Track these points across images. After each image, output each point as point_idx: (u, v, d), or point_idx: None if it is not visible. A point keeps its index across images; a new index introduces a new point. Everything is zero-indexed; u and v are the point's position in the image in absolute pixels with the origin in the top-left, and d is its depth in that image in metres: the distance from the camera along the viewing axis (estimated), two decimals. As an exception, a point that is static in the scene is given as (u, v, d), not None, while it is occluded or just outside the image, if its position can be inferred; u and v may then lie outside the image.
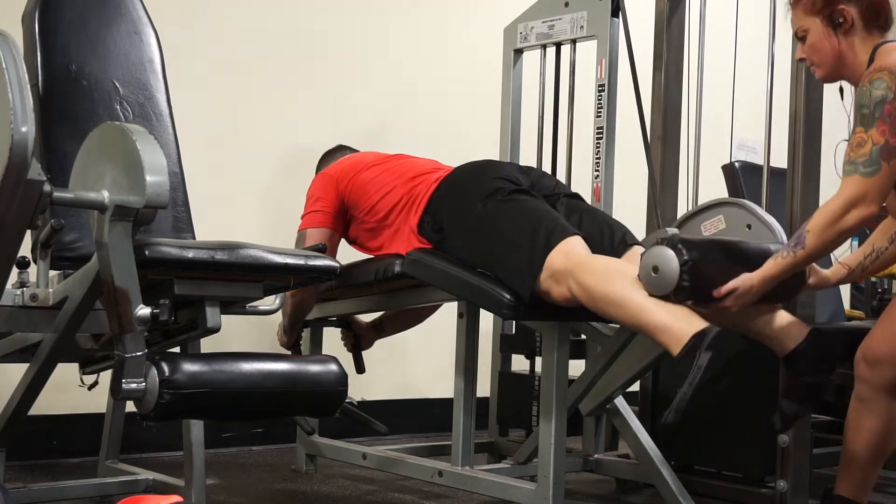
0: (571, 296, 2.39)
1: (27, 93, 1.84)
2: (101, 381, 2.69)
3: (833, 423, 3.63)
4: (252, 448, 3.71)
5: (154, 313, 2.06)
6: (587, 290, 2.35)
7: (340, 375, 2.36)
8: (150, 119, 2.77)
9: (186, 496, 2.53)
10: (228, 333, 2.59)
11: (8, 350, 2.48)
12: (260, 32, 3.82)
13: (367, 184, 2.94)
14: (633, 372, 2.87)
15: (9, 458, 2.52)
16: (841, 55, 2.43)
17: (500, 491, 2.67)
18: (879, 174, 2.22)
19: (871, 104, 2.24)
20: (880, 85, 2.24)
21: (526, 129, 3.52)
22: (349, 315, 3.25)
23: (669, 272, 2.27)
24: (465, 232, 2.63)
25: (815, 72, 2.52)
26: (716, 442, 3.05)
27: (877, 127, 2.23)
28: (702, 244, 2.38)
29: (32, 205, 1.96)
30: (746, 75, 3.91)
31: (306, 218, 3.00)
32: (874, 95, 2.24)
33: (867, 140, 2.23)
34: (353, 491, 3.07)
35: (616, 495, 3.17)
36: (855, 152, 2.25)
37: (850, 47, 2.41)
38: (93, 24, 2.74)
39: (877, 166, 2.22)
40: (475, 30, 4.27)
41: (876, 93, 2.24)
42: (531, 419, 3.33)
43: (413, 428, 4.04)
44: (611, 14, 3.15)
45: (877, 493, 3.02)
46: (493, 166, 2.77)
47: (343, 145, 3.40)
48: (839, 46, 2.42)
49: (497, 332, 3.48)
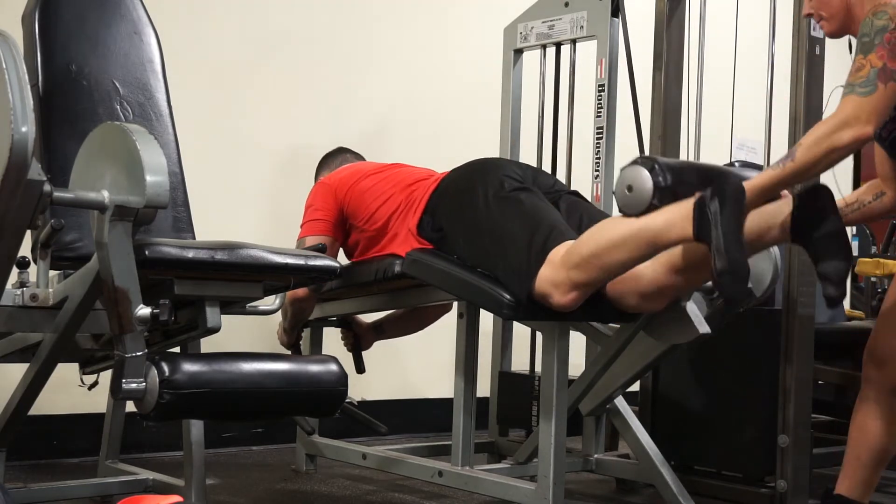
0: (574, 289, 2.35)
1: (27, 93, 1.84)
2: (101, 381, 2.69)
3: (833, 423, 3.63)
4: (252, 448, 3.71)
5: (154, 313, 2.06)
6: (586, 260, 2.31)
7: (340, 375, 2.36)
8: (150, 119, 2.77)
9: (186, 496, 2.53)
10: (228, 333, 2.59)
11: (8, 350, 2.48)
12: (260, 32, 3.83)
13: (366, 192, 2.94)
14: (633, 372, 2.88)
15: (9, 458, 2.52)
16: (849, 8, 2.43)
17: (500, 491, 2.67)
18: (875, 94, 2.20)
19: (871, 32, 2.25)
20: (882, 16, 2.26)
21: (526, 129, 3.52)
22: (349, 315, 3.25)
23: (643, 183, 2.26)
24: (464, 231, 2.62)
25: (822, 26, 2.51)
26: (716, 442, 3.06)
27: (875, 52, 2.23)
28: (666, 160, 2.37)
29: (32, 205, 1.96)
30: (746, 75, 3.91)
31: (306, 226, 3.00)
32: (875, 25, 2.25)
33: (865, 64, 2.24)
34: (353, 491, 3.07)
35: (616, 495, 3.17)
36: (853, 76, 2.25)
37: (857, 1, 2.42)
38: (92, 24, 2.74)
39: (873, 86, 2.21)
40: (475, 30, 4.27)
41: (878, 22, 2.25)
42: (531, 419, 3.32)
43: (413, 428, 4.04)
44: (611, 14, 3.15)
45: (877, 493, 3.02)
46: (492, 164, 2.77)
47: (343, 147, 3.40)
48: (847, 0, 2.43)
49: (497, 332, 3.48)
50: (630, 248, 2.28)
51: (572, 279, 2.35)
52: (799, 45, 2.93)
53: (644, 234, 2.26)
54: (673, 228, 2.22)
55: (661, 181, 2.25)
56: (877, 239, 6.28)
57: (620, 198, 2.31)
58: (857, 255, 5.80)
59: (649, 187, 2.26)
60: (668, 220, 2.23)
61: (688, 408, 3.15)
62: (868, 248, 6.14)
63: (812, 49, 2.92)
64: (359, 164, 3.19)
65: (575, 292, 2.36)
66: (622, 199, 2.30)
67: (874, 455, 2.47)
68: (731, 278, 2.12)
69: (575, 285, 2.35)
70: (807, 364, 2.92)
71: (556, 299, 2.38)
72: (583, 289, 2.36)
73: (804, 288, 2.91)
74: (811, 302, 2.93)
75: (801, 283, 2.90)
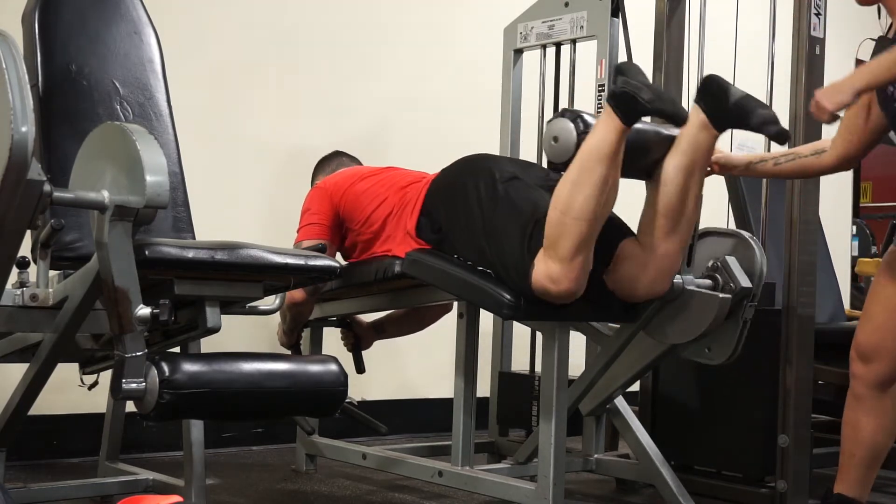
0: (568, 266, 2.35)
1: (27, 93, 1.84)
2: (101, 381, 2.69)
3: (833, 424, 3.62)
4: (252, 448, 3.71)
5: (154, 313, 2.06)
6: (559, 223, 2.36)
7: (340, 375, 2.36)
8: (150, 119, 2.77)
9: (186, 496, 2.53)
10: (228, 333, 2.59)
11: (8, 350, 2.48)
12: (260, 32, 3.82)
13: (361, 195, 2.95)
14: (633, 372, 2.88)
15: (9, 458, 2.52)
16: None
17: (500, 491, 2.67)
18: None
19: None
20: None
21: (526, 129, 3.52)
22: (349, 315, 3.25)
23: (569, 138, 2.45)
24: (461, 230, 2.62)
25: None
26: (716, 442, 3.06)
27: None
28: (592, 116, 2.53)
29: (32, 205, 1.96)
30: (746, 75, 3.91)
31: (302, 230, 3.00)
32: None
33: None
34: (353, 491, 3.07)
35: (616, 495, 3.17)
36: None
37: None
38: (93, 23, 2.74)
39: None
40: (475, 30, 4.27)
41: None
42: (531, 419, 3.32)
43: (413, 428, 4.03)
44: (611, 14, 3.15)
45: (877, 493, 3.02)
46: (482, 158, 2.77)
47: (339, 151, 3.41)
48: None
49: (497, 332, 3.48)
50: (586, 177, 2.37)
51: (561, 256, 2.35)
52: (799, 45, 2.93)
53: (588, 157, 2.38)
54: (606, 132, 2.36)
55: (583, 127, 2.44)
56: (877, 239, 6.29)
57: (548, 149, 2.51)
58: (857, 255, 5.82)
59: (573, 135, 2.44)
60: (597, 131, 2.38)
61: (688, 408, 3.15)
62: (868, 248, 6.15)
63: (812, 49, 2.92)
64: (354, 167, 3.19)
65: (570, 273, 2.35)
66: (549, 150, 2.50)
67: (868, 452, 2.47)
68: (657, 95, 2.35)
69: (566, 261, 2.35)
70: (807, 364, 2.93)
71: (555, 289, 2.37)
72: (576, 259, 2.35)
73: (804, 288, 2.91)
74: (811, 302, 2.93)
75: (801, 283, 2.91)
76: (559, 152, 2.47)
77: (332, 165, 3.31)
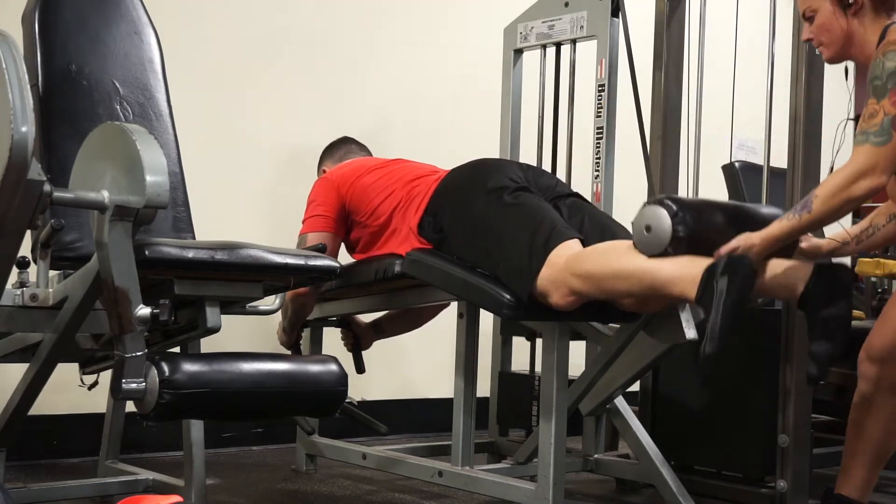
0: (573, 294, 2.39)
1: (27, 93, 1.84)
2: (101, 381, 2.69)
3: (833, 423, 3.63)
4: (252, 448, 3.71)
5: (154, 313, 2.06)
6: (589, 276, 2.35)
7: (340, 375, 2.36)
8: (150, 119, 2.77)
9: (186, 496, 2.53)
10: (228, 333, 2.59)
11: (8, 350, 2.48)
12: (260, 32, 3.82)
13: (368, 188, 2.94)
14: (633, 372, 2.87)
15: (9, 458, 2.52)
16: (849, 35, 2.43)
17: (500, 491, 2.67)
18: (890, 144, 2.20)
19: (883, 76, 2.24)
20: (893, 57, 2.25)
21: (526, 129, 3.52)
22: (349, 315, 3.25)
23: (662, 227, 2.28)
24: (465, 231, 2.63)
25: (822, 52, 2.51)
26: (716, 442, 3.05)
27: (889, 97, 2.22)
28: (690, 201, 2.40)
29: (32, 205, 1.96)
30: (746, 75, 3.91)
31: (308, 222, 3.00)
32: (887, 67, 2.24)
33: (879, 111, 2.23)
34: (353, 491, 3.07)
35: (616, 495, 3.17)
36: (867, 123, 2.24)
37: (859, 27, 2.41)
38: (93, 23, 2.74)
39: (888, 136, 2.20)
40: (475, 30, 4.27)
41: (889, 64, 2.24)
42: (531, 419, 3.33)
43: (413, 428, 4.04)
44: (611, 14, 3.15)
45: (877, 493, 3.02)
46: (493, 164, 2.77)
47: (348, 137, 3.41)
48: (848, 27, 2.42)
49: (497, 332, 3.48)
50: (632, 283, 2.33)
51: (572, 285, 2.38)
52: (799, 45, 2.93)
53: (648, 278, 2.30)
54: (678, 285, 2.25)
55: (681, 230, 2.27)
56: (877, 239, 6.25)
57: (637, 235, 2.34)
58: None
59: (668, 234, 2.28)
60: (676, 275, 2.26)
61: (688, 408, 3.15)
62: (868, 248, 6.12)
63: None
64: (362, 159, 3.19)
65: (573, 297, 2.40)
66: (638, 237, 2.33)
67: (873, 454, 2.47)
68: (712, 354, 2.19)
69: (573, 291, 2.39)
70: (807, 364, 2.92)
71: (555, 299, 2.41)
72: (580, 297, 2.40)
73: (804, 288, 2.91)
74: (811, 302, 2.92)
75: (801, 283, 2.90)
76: (649, 244, 2.30)
77: (341, 152, 3.31)
